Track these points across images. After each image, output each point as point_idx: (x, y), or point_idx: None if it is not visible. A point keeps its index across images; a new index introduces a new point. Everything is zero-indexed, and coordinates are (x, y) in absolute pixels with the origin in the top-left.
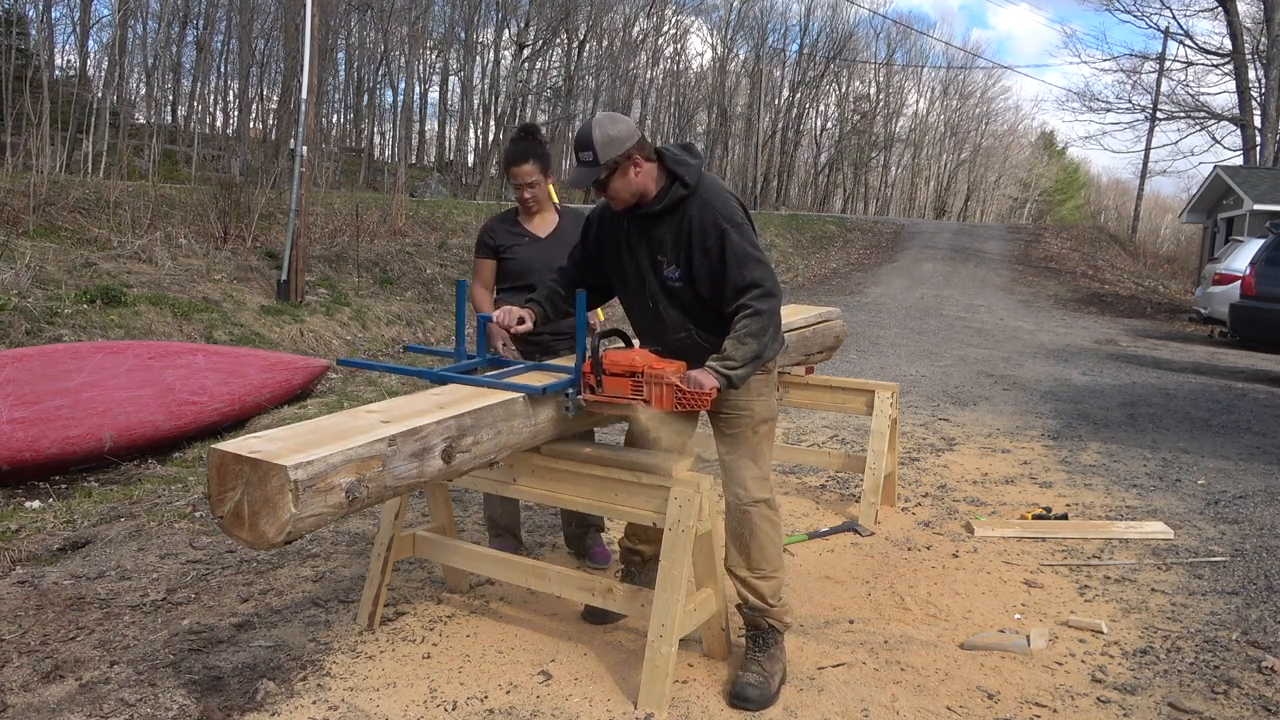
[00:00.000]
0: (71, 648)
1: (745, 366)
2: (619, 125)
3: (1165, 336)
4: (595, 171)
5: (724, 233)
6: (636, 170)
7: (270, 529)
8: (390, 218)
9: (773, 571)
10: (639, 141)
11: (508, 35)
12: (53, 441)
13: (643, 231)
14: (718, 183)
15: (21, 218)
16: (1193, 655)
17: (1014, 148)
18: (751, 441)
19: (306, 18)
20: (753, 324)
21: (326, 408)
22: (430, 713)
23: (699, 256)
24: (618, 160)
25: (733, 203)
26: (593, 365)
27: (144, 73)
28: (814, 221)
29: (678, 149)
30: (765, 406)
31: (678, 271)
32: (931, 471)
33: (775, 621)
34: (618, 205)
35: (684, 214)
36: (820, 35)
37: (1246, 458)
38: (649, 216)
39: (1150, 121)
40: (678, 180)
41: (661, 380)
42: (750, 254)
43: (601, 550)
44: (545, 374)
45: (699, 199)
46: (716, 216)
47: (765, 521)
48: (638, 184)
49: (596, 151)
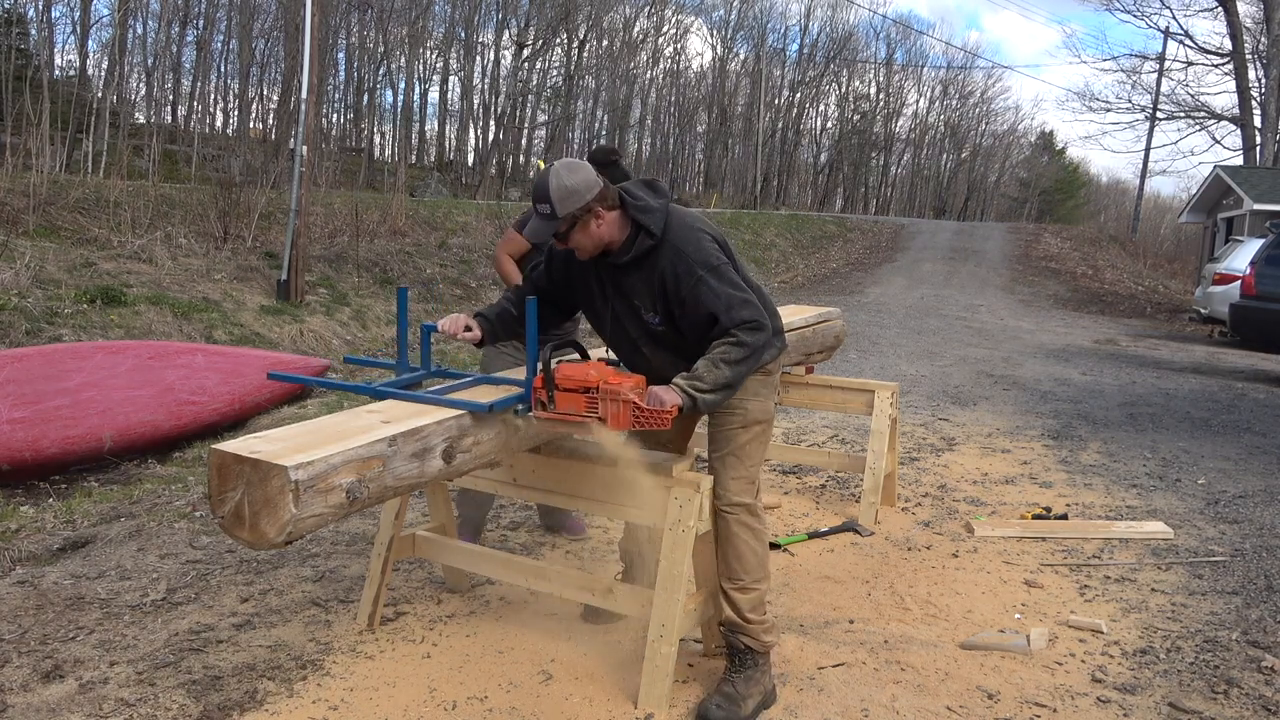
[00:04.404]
0: (71, 648)
1: (714, 393)
2: (577, 175)
3: (1165, 336)
4: (555, 225)
5: (699, 280)
6: (599, 222)
7: (271, 529)
8: (390, 218)
9: (752, 583)
10: (600, 192)
11: (508, 35)
12: (53, 441)
13: (614, 279)
14: (686, 221)
15: (21, 218)
16: (1193, 655)
17: (1014, 148)
18: (739, 440)
19: (306, 18)
20: (733, 352)
21: (326, 408)
22: (430, 713)
23: (677, 307)
24: (576, 215)
25: (706, 243)
26: (544, 380)
27: (144, 73)
28: (814, 221)
29: (640, 189)
30: (760, 407)
31: (657, 318)
32: (931, 471)
33: (751, 640)
34: (582, 256)
35: (654, 265)
36: (820, 35)
37: (1246, 458)
38: (617, 266)
39: (1150, 121)
40: (643, 230)
41: (618, 397)
42: (735, 296)
43: (576, 522)
44: (494, 387)
45: (669, 247)
46: (690, 265)
47: (743, 528)
48: (600, 235)
49: (554, 205)
